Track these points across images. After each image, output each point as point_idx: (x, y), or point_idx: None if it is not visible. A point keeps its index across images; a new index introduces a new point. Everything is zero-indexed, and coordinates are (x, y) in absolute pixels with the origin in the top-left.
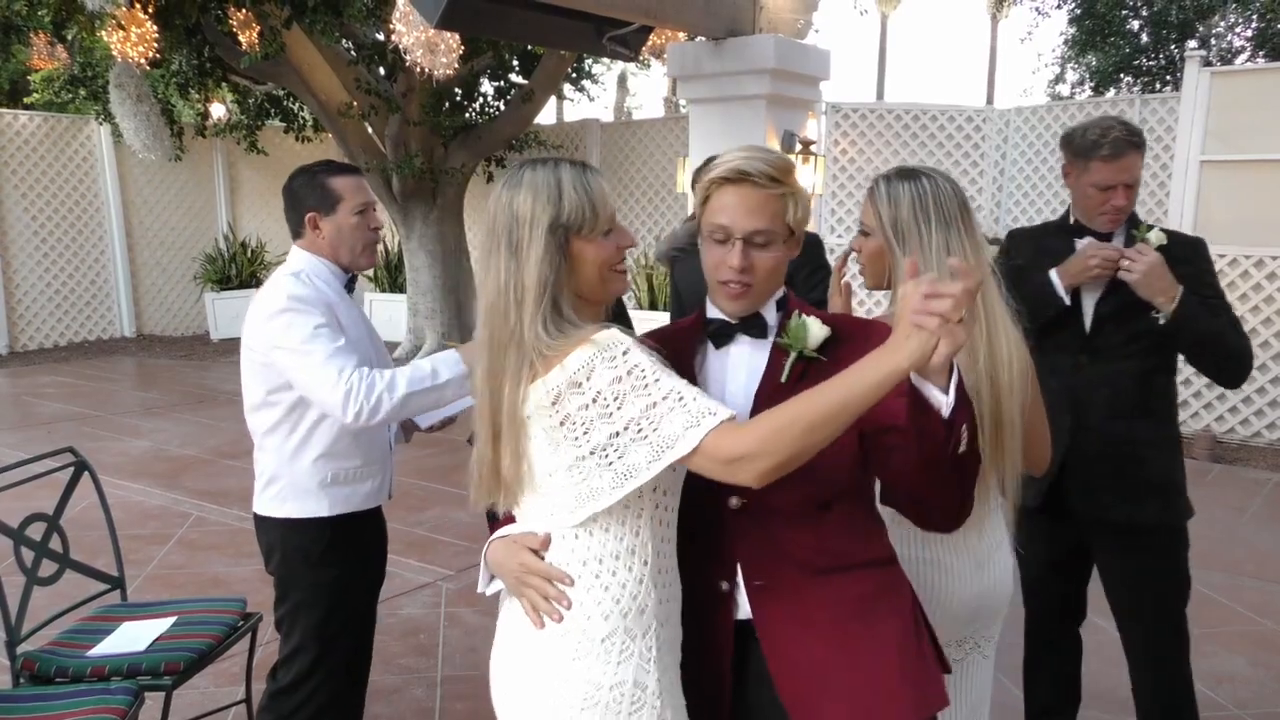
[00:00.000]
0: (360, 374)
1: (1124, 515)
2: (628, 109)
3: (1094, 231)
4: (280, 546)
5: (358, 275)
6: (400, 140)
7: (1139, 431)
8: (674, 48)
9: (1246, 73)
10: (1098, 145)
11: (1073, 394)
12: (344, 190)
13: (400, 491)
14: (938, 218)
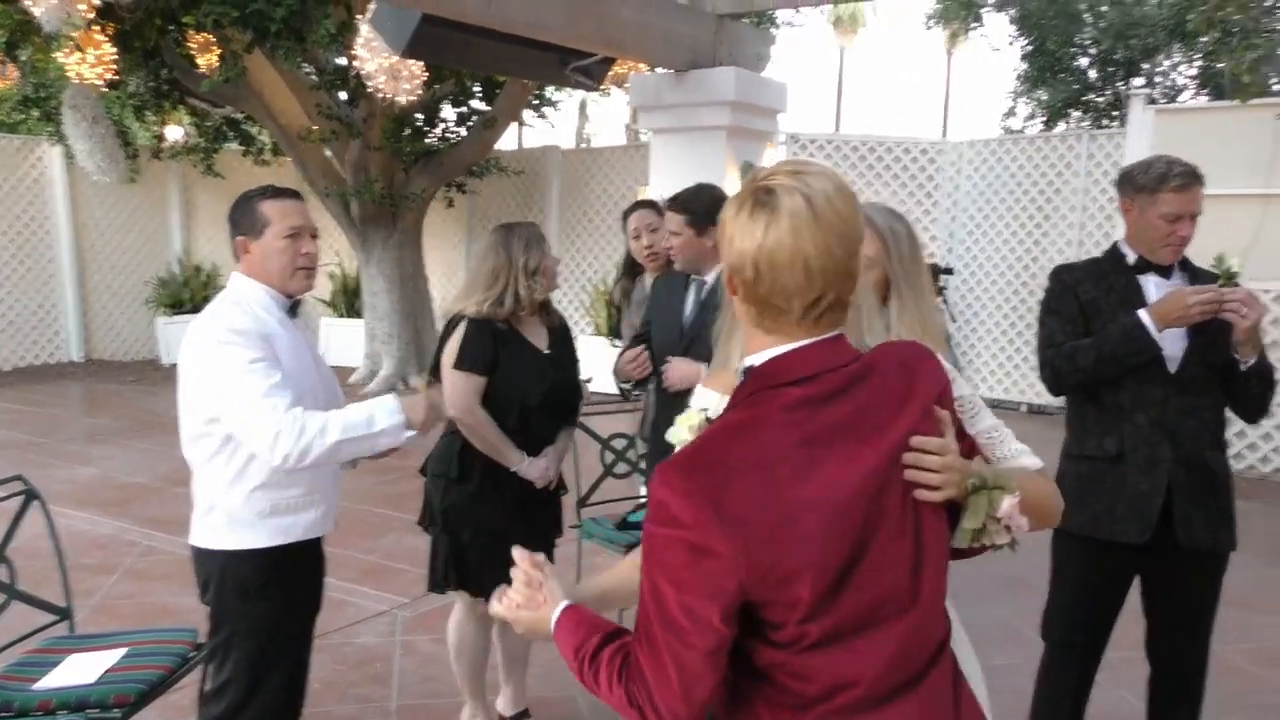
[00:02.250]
0: (292, 416)
1: (1211, 543)
2: (587, 136)
3: (1156, 266)
4: (217, 578)
5: (301, 299)
6: (361, 165)
7: (1217, 462)
8: (636, 78)
9: (1189, 111)
10: (1167, 178)
11: (1165, 427)
12: (272, 214)
13: (354, 519)
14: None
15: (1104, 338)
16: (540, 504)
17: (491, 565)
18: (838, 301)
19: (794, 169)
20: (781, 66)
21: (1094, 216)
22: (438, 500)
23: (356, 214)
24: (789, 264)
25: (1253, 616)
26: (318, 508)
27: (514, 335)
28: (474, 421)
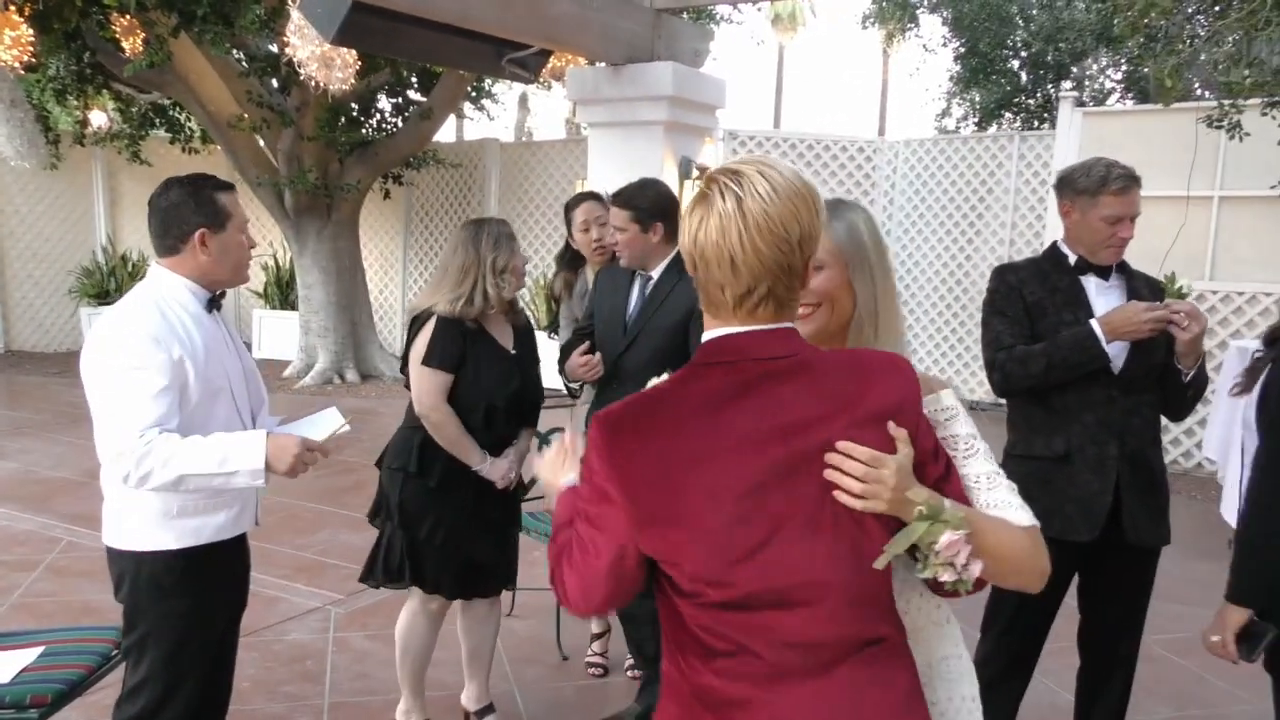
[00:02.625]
0: (145, 438)
1: (1155, 536)
2: (529, 129)
3: (1096, 267)
4: (131, 575)
5: (225, 292)
6: (294, 155)
7: (1156, 459)
8: (573, 72)
9: (1116, 114)
10: (1107, 181)
11: (1111, 426)
12: (231, 207)
13: (287, 514)
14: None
15: (1055, 346)
16: (498, 503)
17: (446, 561)
18: (771, 295)
19: (737, 168)
20: (721, 64)
21: (1024, 216)
22: (394, 493)
23: (290, 204)
24: (716, 259)
25: (1175, 608)
26: (229, 509)
27: (482, 334)
28: (439, 419)
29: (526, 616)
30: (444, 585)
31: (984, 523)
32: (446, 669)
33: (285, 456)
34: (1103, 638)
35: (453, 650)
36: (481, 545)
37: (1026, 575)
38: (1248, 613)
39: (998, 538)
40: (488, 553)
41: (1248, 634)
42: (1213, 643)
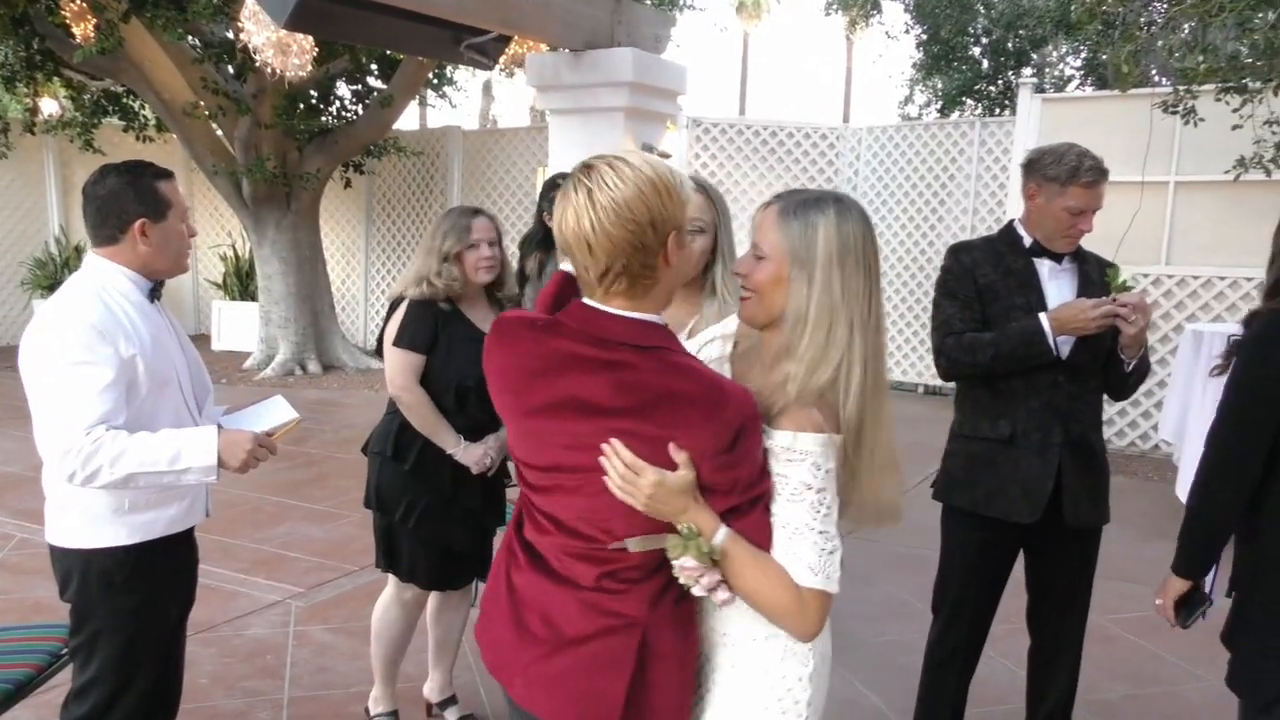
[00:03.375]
0: (93, 436)
1: (1094, 518)
2: (493, 117)
3: (1050, 252)
4: (79, 573)
5: (164, 281)
6: (251, 143)
7: (1097, 442)
8: (533, 58)
9: (1074, 100)
10: (1078, 172)
11: (1056, 410)
12: (172, 195)
13: (249, 508)
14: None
15: (1004, 337)
16: (479, 491)
17: (421, 547)
18: (625, 271)
19: (592, 163)
20: (686, 51)
21: (985, 202)
22: (373, 477)
23: (248, 194)
24: (576, 244)
25: (1131, 588)
26: (180, 501)
27: (457, 316)
28: (411, 400)
29: None
30: (419, 573)
31: (747, 566)
32: (409, 659)
33: (238, 452)
34: (1050, 617)
35: (416, 640)
36: (459, 533)
37: (783, 626)
38: (1186, 583)
39: (756, 585)
40: (465, 541)
41: (1187, 602)
42: (1157, 605)
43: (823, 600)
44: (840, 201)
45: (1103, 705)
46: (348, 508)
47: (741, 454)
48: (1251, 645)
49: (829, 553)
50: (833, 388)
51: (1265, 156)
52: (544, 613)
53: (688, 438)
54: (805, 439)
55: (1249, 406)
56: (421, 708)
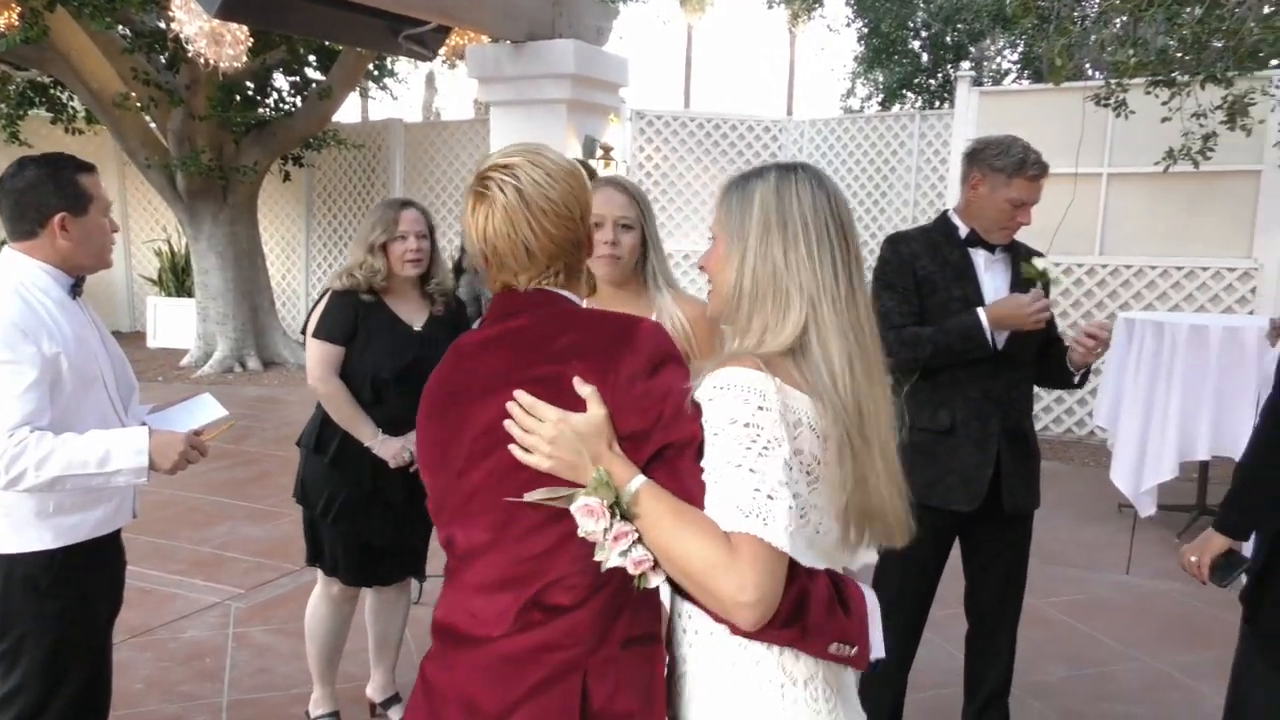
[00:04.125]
0: (17, 437)
1: (1028, 503)
2: (436, 109)
3: (985, 243)
4: (3, 578)
5: (85, 277)
6: (185, 135)
7: (1030, 430)
8: (473, 49)
9: (1010, 93)
10: (1025, 166)
11: (994, 400)
12: (94, 189)
13: (186, 508)
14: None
15: (943, 332)
16: (403, 485)
17: (341, 540)
18: (566, 268)
19: (508, 161)
20: (630, 44)
21: (926, 194)
22: (299, 471)
23: (183, 187)
24: (510, 250)
25: (1068, 572)
26: (107, 503)
27: (380, 308)
28: (326, 391)
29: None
30: (341, 567)
31: (665, 516)
32: (351, 659)
33: (170, 453)
34: (988, 601)
35: (358, 640)
36: (379, 528)
37: (715, 593)
38: (1229, 542)
39: (672, 538)
40: (386, 536)
41: (1225, 563)
42: (1190, 562)
43: (758, 550)
44: (788, 169)
45: (1040, 686)
46: (289, 506)
47: (661, 387)
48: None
49: (767, 496)
50: (806, 361)
51: (1193, 148)
52: (462, 696)
53: (592, 368)
54: (732, 371)
55: None
56: (365, 708)
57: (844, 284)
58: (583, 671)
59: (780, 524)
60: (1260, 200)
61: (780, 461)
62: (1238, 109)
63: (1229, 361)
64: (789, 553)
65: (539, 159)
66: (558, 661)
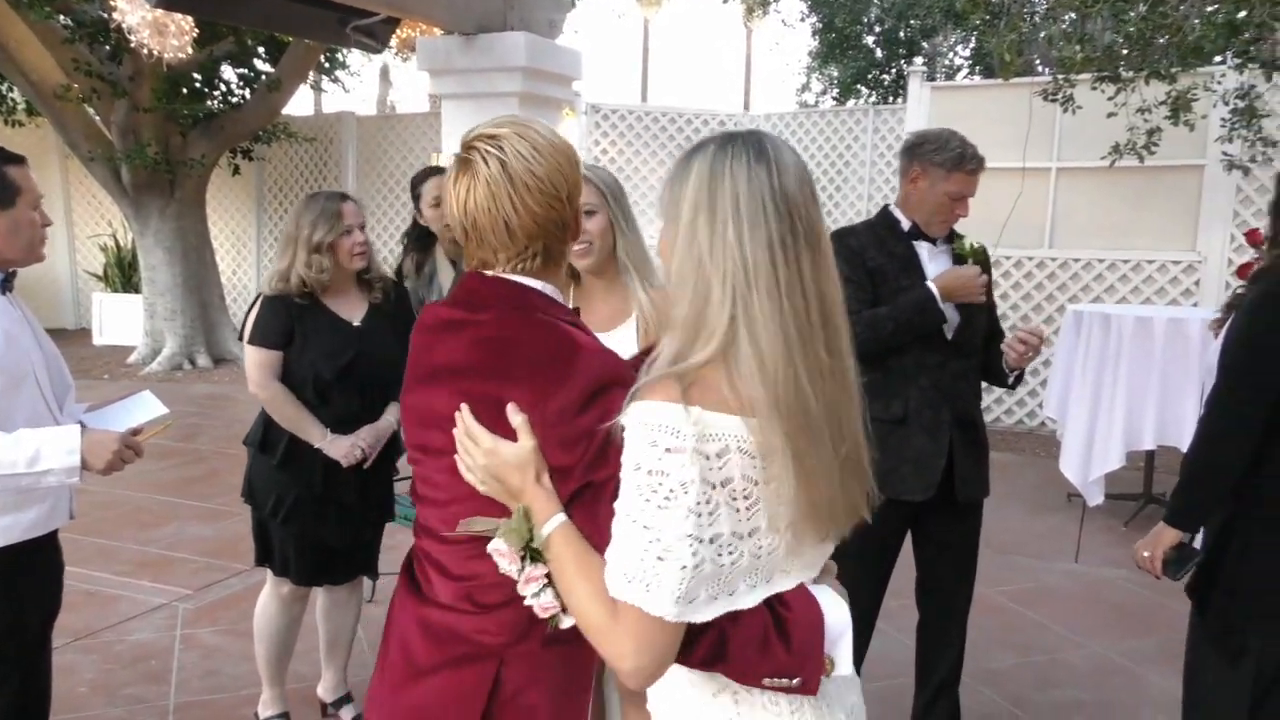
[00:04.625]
0: None
1: (978, 490)
2: (391, 102)
3: (927, 235)
4: None
5: (16, 271)
6: (130, 128)
7: (979, 418)
8: (424, 42)
9: (961, 88)
10: (964, 160)
11: (944, 390)
12: (22, 181)
13: (132, 508)
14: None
15: (899, 309)
16: (355, 485)
17: (292, 541)
18: (545, 250)
19: (495, 131)
20: (587, 38)
21: (880, 188)
22: (247, 470)
23: (128, 181)
24: (490, 225)
25: (1019, 560)
26: (40, 505)
27: (315, 307)
28: (268, 397)
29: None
30: (291, 568)
31: (567, 565)
32: (302, 660)
33: (103, 453)
34: (939, 591)
35: (310, 640)
36: (332, 527)
37: (601, 650)
38: (1180, 535)
39: (569, 589)
40: (340, 536)
41: (1177, 556)
42: (1143, 557)
43: (638, 619)
44: (728, 140)
45: (991, 674)
46: (239, 505)
47: (588, 424)
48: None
49: (657, 557)
50: (737, 366)
51: (1138, 143)
52: (403, 638)
53: (526, 398)
54: (642, 407)
55: (1255, 363)
56: (316, 708)
57: (784, 267)
58: (499, 660)
59: (667, 590)
60: (1203, 194)
61: (683, 512)
62: (1181, 105)
63: (1174, 353)
64: (675, 618)
65: (528, 131)
66: (480, 644)
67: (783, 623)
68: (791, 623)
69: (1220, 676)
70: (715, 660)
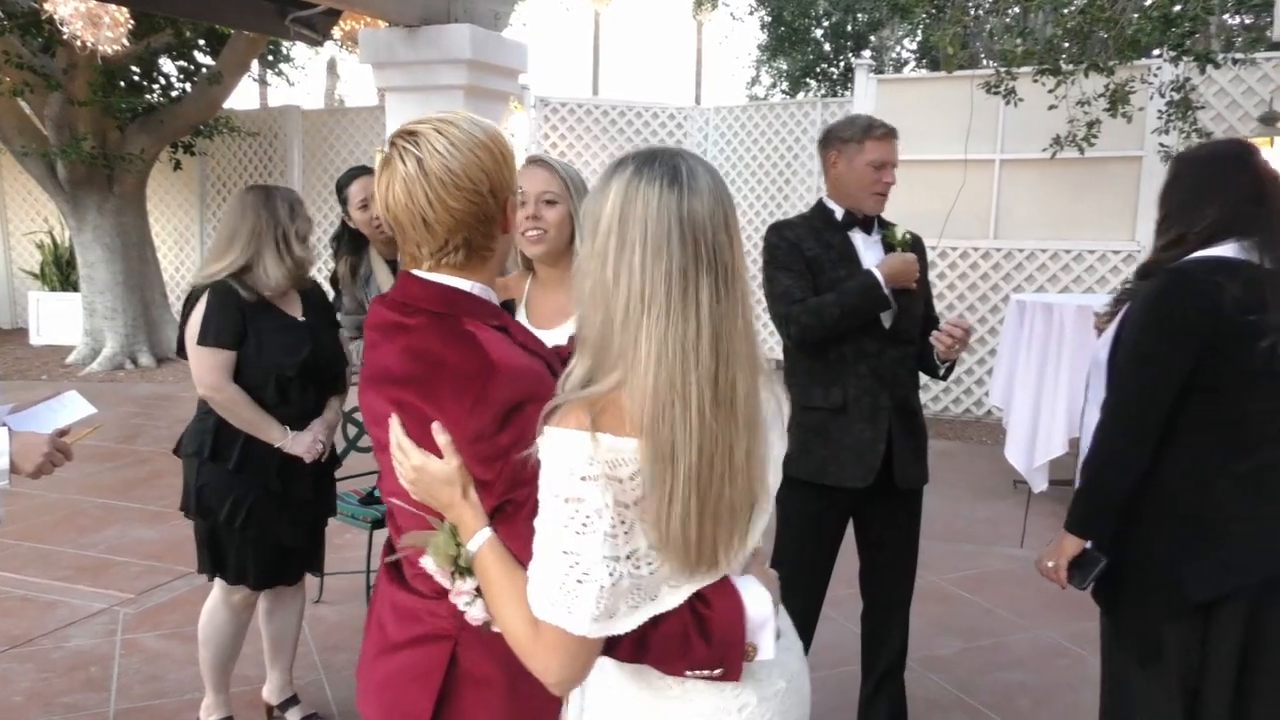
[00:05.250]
0: None
1: (918, 477)
2: (339, 96)
3: (860, 222)
4: None
5: None
6: (64, 122)
7: (917, 405)
8: (366, 34)
9: (907, 81)
10: (871, 128)
11: (883, 377)
12: None
13: (71, 511)
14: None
15: (844, 294)
16: (311, 481)
17: (251, 547)
18: (465, 244)
19: (414, 128)
20: (537, 31)
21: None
22: (192, 480)
23: (64, 176)
24: (409, 222)
25: (964, 547)
26: None
27: (263, 303)
28: (225, 399)
29: (336, 602)
30: (250, 574)
31: (493, 581)
32: (247, 663)
33: (33, 455)
34: (881, 578)
35: (253, 644)
36: (288, 526)
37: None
38: (1083, 543)
39: (495, 606)
40: (295, 534)
41: (1080, 563)
42: (1047, 568)
43: (560, 639)
44: (646, 160)
45: (937, 660)
46: None
47: (504, 444)
48: (1140, 597)
49: (576, 580)
50: (632, 392)
51: (1078, 135)
52: (380, 613)
53: (448, 416)
54: (554, 435)
55: (1149, 363)
56: (261, 712)
57: (679, 297)
58: (455, 641)
59: (586, 610)
60: (1142, 185)
61: (599, 537)
62: (1119, 97)
63: None
64: (596, 634)
65: (447, 127)
66: (437, 626)
67: (704, 621)
68: (712, 621)
69: (1145, 681)
70: (638, 656)
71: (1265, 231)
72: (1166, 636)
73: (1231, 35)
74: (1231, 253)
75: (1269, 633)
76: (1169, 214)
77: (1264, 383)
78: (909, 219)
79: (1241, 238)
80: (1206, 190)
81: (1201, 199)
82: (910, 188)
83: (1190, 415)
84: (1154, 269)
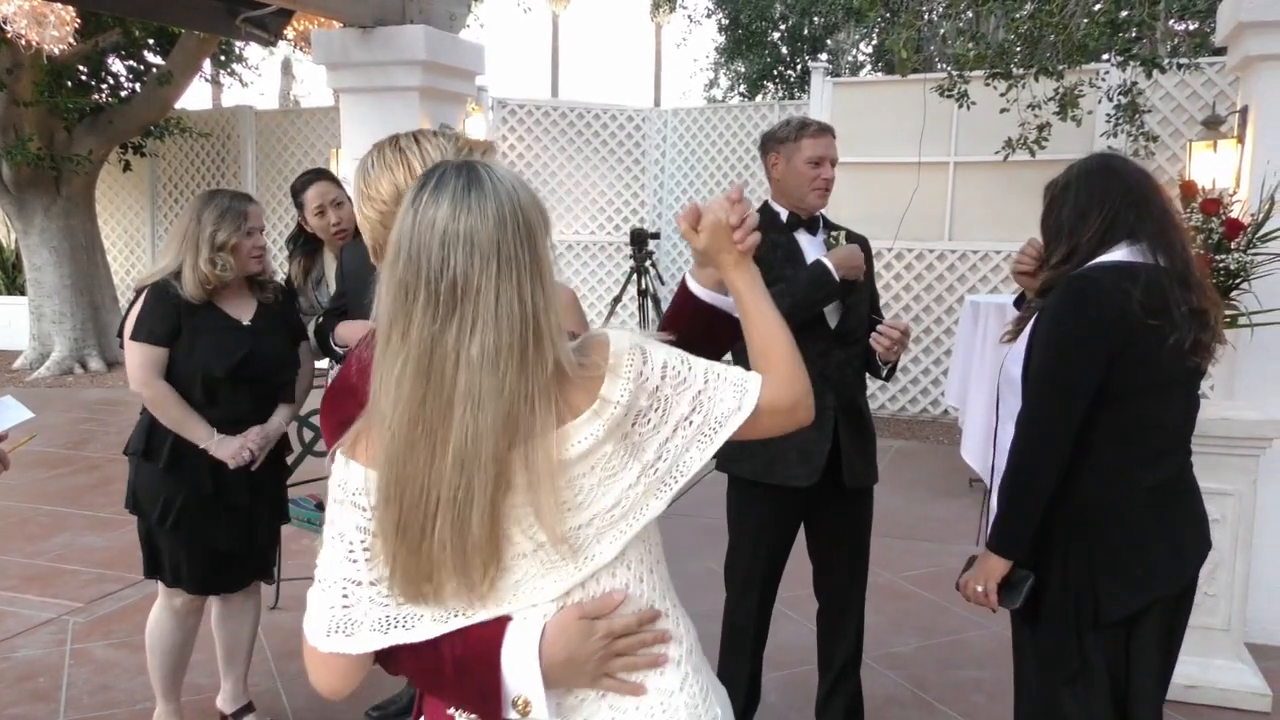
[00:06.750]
0: None
1: (867, 477)
2: (295, 97)
3: (805, 223)
4: None
5: None
6: (9, 122)
7: (864, 405)
8: (319, 34)
9: (862, 84)
10: (806, 126)
11: (829, 378)
12: None
13: (18, 519)
14: None
15: (796, 284)
16: (247, 486)
17: (181, 549)
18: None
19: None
20: (495, 33)
21: None
22: (131, 478)
23: (9, 177)
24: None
25: (920, 545)
26: None
27: (203, 305)
28: (152, 395)
29: (292, 609)
30: (184, 577)
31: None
32: (199, 671)
33: None
34: (834, 578)
35: (207, 651)
36: (223, 532)
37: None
38: (1009, 563)
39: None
40: (231, 540)
41: (1010, 582)
42: (976, 592)
43: (308, 645)
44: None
45: (894, 658)
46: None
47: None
48: (1061, 613)
49: (321, 593)
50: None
51: (1030, 138)
52: None
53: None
54: (335, 451)
55: (1062, 374)
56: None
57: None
58: None
59: (319, 623)
60: None
61: (340, 556)
62: (1068, 101)
63: None
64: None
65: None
66: None
67: (456, 660)
68: (461, 661)
69: (1074, 698)
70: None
71: (1155, 230)
72: (1090, 651)
73: (1177, 41)
74: (1126, 256)
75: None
76: (1055, 235)
77: (1171, 391)
78: (864, 221)
79: (1132, 240)
80: (1085, 203)
81: (1082, 212)
82: (865, 190)
83: (1102, 428)
84: (1054, 284)
